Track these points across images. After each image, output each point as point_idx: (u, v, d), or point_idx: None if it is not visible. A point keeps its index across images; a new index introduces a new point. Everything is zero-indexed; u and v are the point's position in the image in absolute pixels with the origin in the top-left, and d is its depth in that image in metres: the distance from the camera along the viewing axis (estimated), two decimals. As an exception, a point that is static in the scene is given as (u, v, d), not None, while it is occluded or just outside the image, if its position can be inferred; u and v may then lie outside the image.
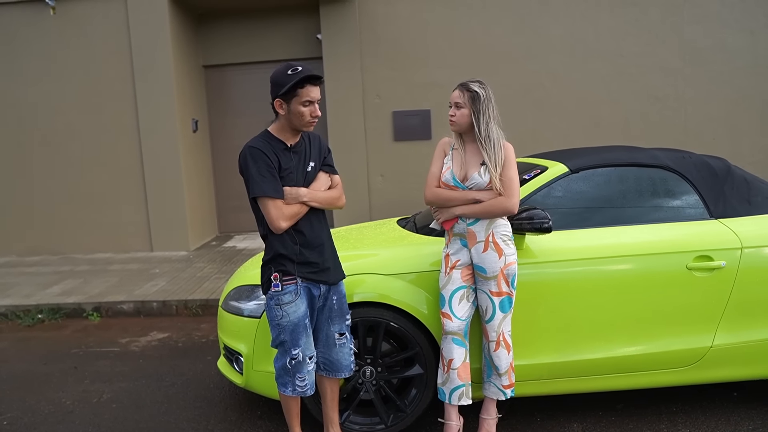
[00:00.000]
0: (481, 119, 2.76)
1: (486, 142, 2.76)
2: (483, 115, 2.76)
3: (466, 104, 2.78)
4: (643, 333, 3.02)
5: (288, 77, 2.49)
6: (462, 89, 2.81)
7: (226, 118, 8.59)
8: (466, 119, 2.79)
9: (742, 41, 7.52)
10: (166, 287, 5.98)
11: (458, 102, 2.80)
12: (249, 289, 3.22)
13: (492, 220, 2.79)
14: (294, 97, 2.51)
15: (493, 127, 2.77)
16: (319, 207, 2.67)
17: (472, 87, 2.78)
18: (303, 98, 2.51)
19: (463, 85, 2.82)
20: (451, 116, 2.83)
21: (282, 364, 2.68)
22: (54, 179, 7.83)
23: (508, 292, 2.80)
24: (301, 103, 2.52)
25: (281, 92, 2.50)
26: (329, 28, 7.74)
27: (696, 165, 3.28)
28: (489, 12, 7.67)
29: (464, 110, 2.79)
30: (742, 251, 3.02)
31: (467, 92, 2.78)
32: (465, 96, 2.78)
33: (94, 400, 3.76)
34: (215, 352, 4.46)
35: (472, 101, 2.77)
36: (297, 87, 2.49)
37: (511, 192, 2.75)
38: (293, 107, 2.53)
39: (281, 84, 2.50)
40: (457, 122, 2.82)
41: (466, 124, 2.80)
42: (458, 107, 2.81)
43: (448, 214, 2.84)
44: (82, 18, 7.56)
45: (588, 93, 7.70)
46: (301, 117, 2.54)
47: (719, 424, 3.09)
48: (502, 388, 2.86)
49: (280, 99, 2.52)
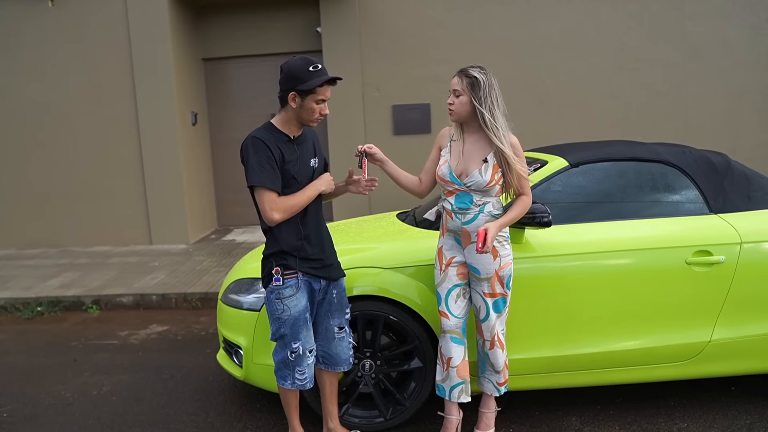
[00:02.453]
0: (484, 106, 2.56)
1: (495, 131, 2.57)
2: (485, 102, 2.56)
3: (465, 91, 2.60)
4: (642, 327, 3.03)
5: (310, 74, 2.50)
6: (461, 75, 2.62)
7: (226, 111, 8.57)
8: (465, 107, 2.62)
9: (743, 36, 7.49)
10: (165, 280, 5.98)
11: (456, 89, 2.62)
12: (248, 282, 3.22)
13: (488, 220, 2.67)
14: (311, 94, 2.52)
15: (497, 114, 2.58)
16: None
17: (472, 72, 2.59)
18: (319, 96, 2.54)
19: (462, 71, 2.63)
20: (450, 105, 2.66)
21: (282, 358, 2.69)
22: (53, 172, 7.82)
23: (503, 293, 2.73)
24: (316, 101, 2.54)
25: (300, 87, 2.50)
26: (329, 22, 7.71)
27: (696, 160, 3.27)
28: (489, 6, 7.65)
29: (463, 98, 2.61)
30: (741, 246, 3.02)
31: (466, 78, 2.60)
32: (464, 82, 2.60)
33: (93, 392, 3.77)
34: (215, 345, 4.46)
35: (472, 88, 2.58)
36: (317, 86, 2.51)
37: (529, 189, 2.73)
38: (307, 103, 2.54)
39: (301, 79, 2.50)
40: (456, 111, 2.65)
41: (466, 113, 2.63)
42: (456, 95, 2.63)
43: (492, 236, 2.56)
44: (80, 10, 7.52)
45: (588, 87, 7.69)
46: (311, 113, 2.56)
47: (717, 418, 3.11)
48: (497, 385, 2.85)
49: (295, 92, 2.53)
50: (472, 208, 2.68)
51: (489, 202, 2.69)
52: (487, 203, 2.68)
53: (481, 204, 2.68)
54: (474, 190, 2.66)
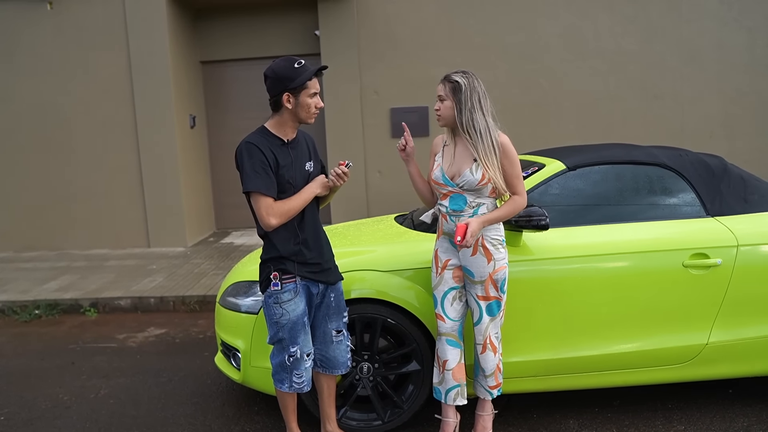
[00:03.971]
0: (463, 110, 2.64)
1: (471, 134, 2.63)
2: (465, 105, 2.63)
3: (448, 96, 2.68)
4: (640, 330, 3.03)
5: (297, 71, 2.53)
6: (444, 81, 2.71)
7: (224, 114, 8.57)
8: (450, 112, 2.69)
9: (739, 40, 7.53)
10: (163, 283, 5.97)
11: (441, 95, 2.71)
12: (246, 285, 3.22)
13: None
14: (303, 89, 2.55)
15: (477, 117, 2.63)
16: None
17: (453, 77, 2.67)
18: (311, 90, 2.57)
19: (446, 77, 2.71)
20: (437, 110, 2.74)
21: (280, 361, 2.69)
22: (51, 175, 7.81)
23: (497, 296, 2.74)
24: (309, 95, 2.56)
25: (291, 86, 2.52)
26: (327, 25, 7.73)
27: (693, 163, 3.29)
28: (487, 9, 7.67)
29: (447, 102, 2.69)
30: (738, 249, 3.03)
31: (448, 83, 2.68)
32: (446, 87, 2.69)
33: (91, 395, 3.76)
34: (212, 348, 4.46)
35: (453, 92, 2.66)
36: (307, 80, 2.53)
37: (522, 189, 2.71)
38: (301, 99, 2.56)
39: (291, 78, 2.52)
40: (442, 116, 2.72)
41: (451, 117, 2.70)
42: (441, 100, 2.72)
43: (474, 237, 2.60)
44: (79, 13, 7.53)
45: (585, 90, 7.71)
46: (308, 108, 2.58)
47: (714, 420, 3.11)
48: (488, 389, 2.85)
49: (288, 93, 2.54)
50: (467, 210, 2.70)
51: (483, 204, 2.70)
52: (482, 205, 2.70)
53: (475, 206, 2.69)
54: (467, 190, 2.68)
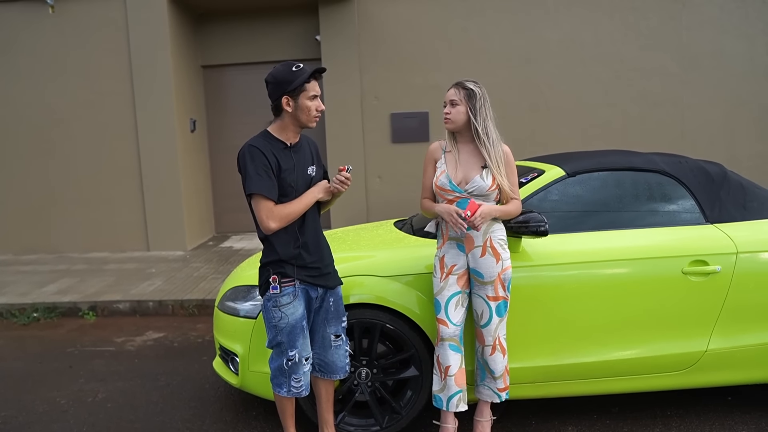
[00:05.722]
0: (479, 117, 2.73)
1: (486, 140, 2.74)
2: (480, 112, 2.74)
3: (462, 101, 2.75)
4: (639, 337, 3.03)
5: (295, 74, 2.54)
6: (458, 87, 2.79)
7: (224, 119, 8.59)
8: (462, 116, 2.76)
9: (739, 47, 7.55)
10: (162, 287, 5.97)
11: (454, 99, 2.77)
12: (245, 290, 3.22)
13: (490, 224, 2.78)
14: (302, 92, 2.56)
15: (491, 125, 2.75)
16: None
17: (468, 85, 2.77)
18: (310, 92, 2.57)
19: (459, 83, 2.79)
20: (447, 114, 2.80)
21: (278, 365, 2.68)
22: (51, 178, 7.82)
23: (504, 296, 2.80)
24: (309, 98, 2.57)
25: (290, 89, 2.53)
26: (328, 30, 7.75)
27: (692, 170, 3.29)
28: (487, 15, 7.69)
29: (460, 107, 2.75)
30: (737, 256, 3.03)
31: (463, 90, 2.76)
32: (461, 93, 2.76)
33: (89, 399, 3.75)
34: (211, 352, 4.45)
35: (469, 98, 2.74)
36: (305, 82, 2.54)
37: (519, 196, 2.88)
38: (301, 102, 2.56)
39: (289, 81, 2.53)
40: (453, 119, 2.78)
41: (462, 122, 2.77)
42: (453, 104, 2.77)
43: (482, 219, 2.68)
44: (80, 17, 7.55)
45: (586, 97, 7.72)
46: (308, 111, 2.59)
47: (713, 428, 3.10)
48: (497, 391, 2.86)
49: (287, 96, 2.55)
50: None
51: None
52: None
53: None
54: (476, 195, 2.75)
